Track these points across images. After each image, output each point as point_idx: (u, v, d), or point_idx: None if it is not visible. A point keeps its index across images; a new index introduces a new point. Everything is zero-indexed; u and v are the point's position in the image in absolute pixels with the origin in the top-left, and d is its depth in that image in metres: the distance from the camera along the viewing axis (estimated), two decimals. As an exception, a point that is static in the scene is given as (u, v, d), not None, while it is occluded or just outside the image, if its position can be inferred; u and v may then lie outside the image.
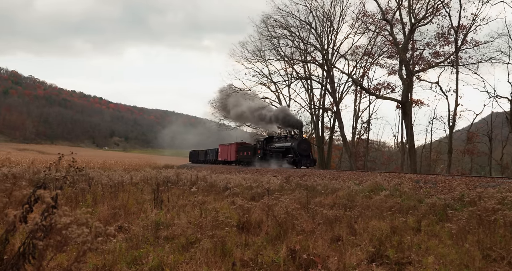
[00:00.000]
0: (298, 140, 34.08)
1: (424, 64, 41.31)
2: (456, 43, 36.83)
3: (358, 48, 45.65)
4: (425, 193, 12.38)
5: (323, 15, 43.89)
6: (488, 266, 5.08)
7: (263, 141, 39.19)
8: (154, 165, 43.97)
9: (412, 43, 39.48)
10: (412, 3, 37.11)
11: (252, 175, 21.66)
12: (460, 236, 6.16)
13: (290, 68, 48.67)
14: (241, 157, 43.49)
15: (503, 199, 8.62)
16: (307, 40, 45.29)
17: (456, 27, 36.55)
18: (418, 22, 37.28)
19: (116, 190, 11.37)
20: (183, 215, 7.98)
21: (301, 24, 44.72)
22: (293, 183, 15.40)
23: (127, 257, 5.14)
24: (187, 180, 15.62)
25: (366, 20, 42.61)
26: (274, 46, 46.38)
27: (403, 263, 5.33)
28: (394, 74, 44.16)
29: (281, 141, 36.83)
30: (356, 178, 18.49)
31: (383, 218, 7.99)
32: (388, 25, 39.05)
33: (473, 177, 16.97)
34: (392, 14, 39.36)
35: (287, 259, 5.16)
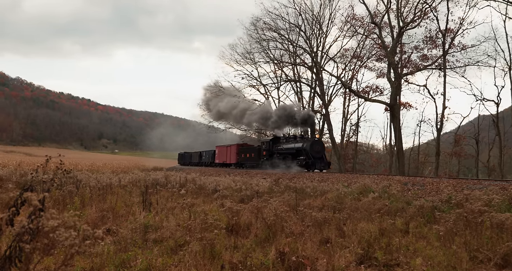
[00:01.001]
0: (310, 140, 31.73)
1: (412, 67, 41.66)
2: (444, 47, 37.22)
3: (347, 51, 45.91)
4: (413, 195, 12.46)
5: (312, 18, 44.09)
6: (475, 267, 5.13)
7: (269, 142, 36.61)
8: (142, 167, 43.72)
9: (400, 46, 39.78)
10: (400, 7, 37.45)
11: (242, 177, 21.65)
12: (448, 237, 6.21)
13: (279, 71, 48.77)
14: (243, 159, 40.89)
15: (490, 201, 8.72)
16: (296, 43, 45.45)
17: (443, 31, 36.97)
18: (406, 26, 37.61)
19: (104, 193, 11.29)
20: (172, 217, 7.95)
21: (290, 27, 44.88)
22: (282, 185, 15.41)
23: (115, 260, 5.10)
24: (176, 182, 15.57)
25: (355, 23, 42.89)
26: (264, 48, 46.46)
27: (392, 265, 5.36)
28: (382, 77, 44.47)
29: (290, 142, 34.26)
30: (345, 180, 18.56)
31: (371, 220, 8.02)
32: (376, 28, 39.35)
33: (460, 179, 17.16)
34: (381, 17, 39.68)
35: (276, 261, 5.16)
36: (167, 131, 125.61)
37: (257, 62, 47.96)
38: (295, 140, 34.34)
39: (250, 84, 48.93)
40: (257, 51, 46.86)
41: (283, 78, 49.19)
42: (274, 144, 35.97)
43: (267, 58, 47.51)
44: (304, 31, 44.53)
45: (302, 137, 34.52)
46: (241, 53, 47.98)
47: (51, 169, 10.82)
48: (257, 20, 45.41)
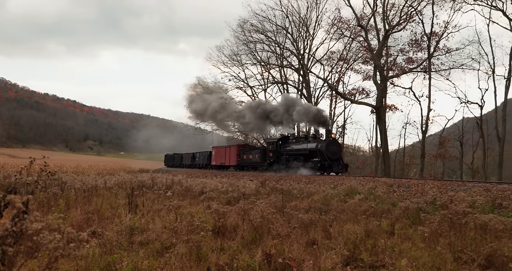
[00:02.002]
0: (326, 140, 28.25)
1: (398, 70, 42.02)
2: (429, 50, 37.62)
3: (333, 53, 46.10)
4: (398, 197, 12.56)
5: (299, 21, 44.24)
6: (459, 268, 5.19)
7: (276, 142, 33.08)
8: (128, 169, 43.45)
9: (386, 49, 40.11)
10: (386, 10, 37.76)
11: (228, 179, 21.62)
12: (432, 239, 6.27)
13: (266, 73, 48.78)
14: (245, 161, 37.38)
15: (474, 202, 8.83)
16: (283, 45, 45.56)
17: (428, 34, 37.36)
18: (392, 29, 37.94)
19: (90, 195, 11.20)
20: (158, 219, 7.91)
21: (277, 29, 44.97)
22: (269, 187, 15.42)
23: (101, 263, 5.06)
24: (163, 184, 15.49)
25: (342, 26, 43.12)
26: (251, 50, 46.47)
27: (377, 266, 5.40)
28: (368, 79, 44.75)
29: (301, 142, 30.96)
30: (331, 182, 18.64)
31: (357, 221, 8.07)
32: (363, 31, 39.61)
33: (445, 181, 17.32)
34: (367, 20, 39.95)
35: (263, 263, 5.16)
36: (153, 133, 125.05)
37: (244, 64, 47.96)
38: (306, 139, 30.93)
39: (237, 86, 48.92)
40: (244, 53, 46.88)
41: (270, 80, 49.27)
42: (282, 144, 32.65)
43: (254, 60, 47.55)
44: (291, 34, 44.70)
45: (314, 137, 30.61)
46: (228, 55, 47.96)
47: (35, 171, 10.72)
48: (244, 22, 45.45)
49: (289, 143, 32.26)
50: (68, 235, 2.98)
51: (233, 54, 47.27)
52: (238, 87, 48.90)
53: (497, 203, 10.58)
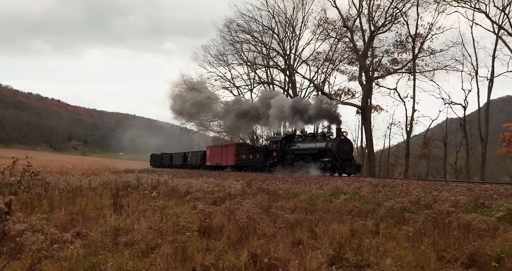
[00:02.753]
0: (337, 139, 26.52)
1: (383, 71, 42.41)
2: (414, 51, 38.05)
3: (319, 54, 46.31)
4: (383, 197, 12.66)
5: (285, 21, 44.42)
6: (442, 267, 5.25)
7: (281, 141, 30.96)
8: (113, 169, 43.11)
9: (371, 50, 40.47)
10: (371, 11, 38.12)
11: (214, 179, 21.58)
12: (417, 238, 6.33)
13: (252, 73, 48.87)
14: (245, 161, 35.26)
15: (457, 202, 8.95)
16: (269, 46, 45.68)
17: (413, 35, 37.82)
18: (377, 30, 38.28)
19: (74, 195, 11.09)
20: (143, 220, 7.86)
21: (263, 30, 45.09)
22: (255, 187, 15.43)
23: (85, 264, 5.02)
24: (148, 184, 15.40)
25: (327, 27, 43.38)
26: (237, 50, 46.53)
27: (362, 265, 5.43)
28: (354, 80, 45.03)
29: (308, 141, 29.12)
30: (317, 182, 18.71)
31: (343, 221, 8.11)
32: (348, 32, 39.92)
33: (429, 181, 17.53)
34: (353, 21, 40.30)
35: (248, 263, 5.16)
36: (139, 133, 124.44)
37: (231, 64, 47.96)
38: (313, 138, 29.06)
39: (223, 86, 48.86)
40: (231, 53, 46.93)
41: (257, 81, 49.37)
42: (287, 143, 30.47)
43: (240, 60, 47.61)
44: (277, 34, 44.86)
45: (323, 135, 28.64)
46: (215, 55, 47.90)
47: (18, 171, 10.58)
48: (231, 22, 45.49)
49: (295, 141, 30.18)
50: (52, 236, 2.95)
51: (220, 54, 47.27)
52: (225, 88, 48.91)
53: (480, 202, 10.72)
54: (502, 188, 12.53)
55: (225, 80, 48.58)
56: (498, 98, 67.40)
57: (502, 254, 5.61)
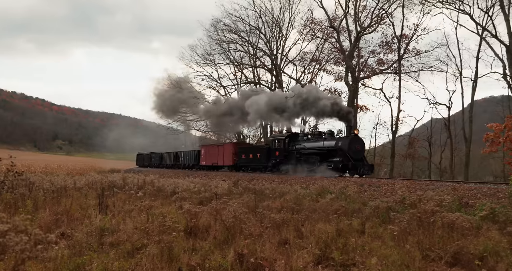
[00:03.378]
0: (348, 137, 24.63)
1: (369, 71, 42.73)
2: (399, 52, 38.40)
3: (306, 54, 46.48)
4: (369, 196, 12.75)
5: (272, 21, 44.50)
6: (427, 266, 5.30)
7: (283, 140, 28.99)
8: (99, 169, 42.76)
9: (357, 50, 40.74)
10: (358, 12, 38.35)
11: (201, 179, 21.53)
12: (402, 237, 6.39)
13: (239, 73, 48.83)
14: (244, 160, 33.24)
15: (441, 201, 9.05)
16: (256, 45, 45.72)
17: (399, 36, 38.17)
18: (363, 30, 38.54)
19: (59, 195, 10.98)
20: (129, 220, 7.81)
21: (250, 29, 45.12)
22: (241, 187, 15.43)
23: (70, 265, 4.97)
24: (134, 184, 15.31)
25: (314, 27, 43.57)
26: (224, 50, 46.47)
27: (348, 264, 5.47)
28: (340, 80, 45.25)
29: (315, 139, 27.21)
30: (303, 181, 18.78)
31: (329, 221, 8.15)
32: (335, 33, 40.13)
33: (414, 181, 17.70)
34: (339, 22, 40.51)
35: (235, 263, 5.16)
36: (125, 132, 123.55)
37: (217, 64, 47.86)
38: (320, 137, 27.31)
39: (210, 85, 48.75)
40: (217, 53, 46.84)
41: (243, 80, 49.32)
42: (291, 142, 28.54)
43: (227, 60, 47.55)
44: (264, 34, 44.92)
45: (331, 133, 26.58)
46: (201, 54, 47.74)
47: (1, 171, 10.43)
48: (217, 22, 45.44)
49: (300, 140, 28.23)
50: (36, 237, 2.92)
51: (206, 54, 47.14)
52: (211, 87, 48.79)
53: (463, 201, 10.86)
54: (485, 188, 12.71)
55: (212, 79, 48.51)
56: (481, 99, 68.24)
57: (485, 252, 5.69)
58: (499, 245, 5.95)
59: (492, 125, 24.01)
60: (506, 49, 30.25)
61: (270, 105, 29.27)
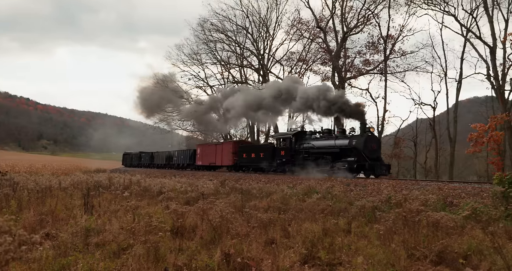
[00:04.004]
0: (363, 135, 22.59)
1: (355, 72, 42.90)
2: (385, 52, 38.67)
3: (293, 54, 46.52)
4: (355, 196, 12.84)
5: (259, 21, 44.49)
6: (412, 265, 5.35)
7: (290, 138, 26.90)
8: (84, 169, 42.40)
9: (344, 51, 40.90)
10: (344, 12, 38.49)
11: (187, 179, 21.47)
12: (387, 236, 6.45)
13: (226, 72, 48.74)
14: (246, 160, 31.18)
15: (426, 200, 9.15)
16: (243, 45, 45.68)
17: (385, 37, 38.42)
18: (350, 31, 38.72)
19: (44, 195, 10.87)
20: (115, 220, 7.77)
21: (237, 29, 45.05)
22: (228, 187, 15.42)
23: (55, 266, 4.93)
24: (120, 184, 15.22)
25: (301, 27, 43.64)
26: (211, 49, 46.33)
27: (334, 264, 5.50)
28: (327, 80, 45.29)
29: (325, 138, 25.15)
30: (290, 181, 18.83)
31: (315, 220, 8.18)
32: (321, 33, 40.24)
33: (400, 180, 17.85)
34: (326, 22, 40.61)
35: (222, 263, 5.16)
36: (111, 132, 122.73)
37: (204, 64, 47.70)
38: (330, 135, 25.48)
39: (197, 85, 48.60)
40: (204, 52, 46.67)
41: (230, 80, 49.22)
42: (298, 140, 26.50)
43: (214, 59, 47.43)
44: (251, 34, 44.89)
45: (343, 131, 24.80)
46: (188, 54, 47.51)
47: (-15, 171, 10.27)
48: (204, 21, 45.29)
49: (308, 139, 26.20)
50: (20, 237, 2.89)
51: (193, 53, 46.93)
52: (198, 87, 48.64)
53: (448, 201, 11.00)
54: (469, 187, 12.87)
55: (199, 79, 48.37)
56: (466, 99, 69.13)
57: (469, 251, 5.77)
58: (482, 244, 6.04)
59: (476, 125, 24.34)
60: (490, 51, 30.62)
61: (246, 103, 28.65)
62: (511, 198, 8.44)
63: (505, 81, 30.05)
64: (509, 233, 6.99)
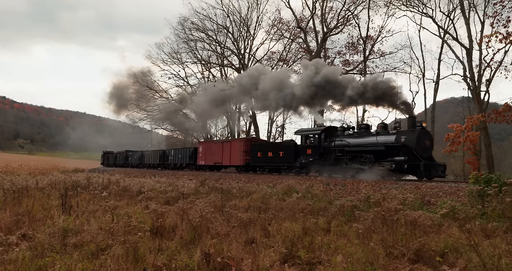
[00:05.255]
0: (415, 131, 19.08)
1: (335, 72, 43.15)
2: (364, 53, 39.07)
3: (273, 54, 46.65)
4: (335, 195, 12.94)
5: (240, 20, 44.49)
6: (390, 263, 5.42)
7: (319, 135, 23.23)
8: (62, 168, 41.80)
9: (324, 51, 41.20)
10: (324, 13, 38.76)
11: (167, 178, 21.35)
12: (366, 235, 6.52)
13: (207, 72, 48.64)
14: (261, 159, 27.56)
15: (404, 199, 9.27)
16: (224, 44, 45.63)
17: (364, 38, 38.81)
18: (330, 31, 39.01)
19: (20, 196, 10.69)
20: (94, 220, 7.68)
21: (218, 28, 44.97)
22: (208, 186, 15.38)
23: (31, 267, 4.85)
24: (99, 184, 15.05)
25: (282, 27, 43.80)
26: (191, 49, 46.17)
27: (314, 262, 5.53)
28: (308, 80, 45.55)
29: (363, 134, 21.52)
30: (270, 180, 18.87)
31: (295, 219, 8.23)
32: (302, 33, 40.48)
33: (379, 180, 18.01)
34: (306, 22, 40.85)
35: (201, 263, 5.15)
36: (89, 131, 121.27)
37: (185, 63, 47.54)
38: (368, 131, 21.89)
39: (177, 84, 48.38)
40: (185, 51, 46.51)
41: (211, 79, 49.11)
42: (328, 137, 22.85)
43: (194, 58, 47.28)
44: (231, 33, 44.85)
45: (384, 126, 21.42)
46: (168, 53, 47.26)
47: (-41, 171, 10.06)
48: (185, 20, 45.11)
49: (339, 135, 22.50)
50: (-5, 239, 2.84)
51: (173, 52, 46.73)
52: (178, 86, 48.41)
53: (426, 200, 11.17)
54: (446, 186, 13.08)
55: (179, 78, 48.15)
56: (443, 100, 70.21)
57: (446, 249, 5.87)
58: (459, 242, 6.15)
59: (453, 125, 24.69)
60: (466, 52, 31.15)
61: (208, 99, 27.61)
62: (486, 196, 8.61)
63: (481, 82, 30.59)
64: (485, 231, 7.14)
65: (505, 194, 6.37)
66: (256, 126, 43.92)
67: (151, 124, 50.26)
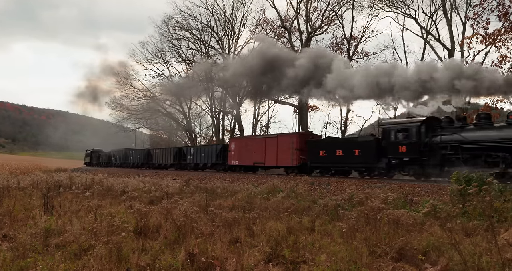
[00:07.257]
0: None
1: (320, 72, 43.31)
2: (348, 53, 39.28)
3: (258, 53, 46.61)
4: (319, 194, 13.01)
5: (224, 20, 44.42)
6: (374, 261, 5.47)
7: (418, 128, 17.98)
8: (45, 168, 41.27)
9: (309, 51, 41.29)
10: (309, 13, 38.91)
11: (151, 178, 21.24)
12: (350, 234, 6.57)
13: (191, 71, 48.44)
14: (323, 159, 21.76)
15: (387, 198, 9.36)
16: (208, 43, 45.52)
17: (348, 38, 39.02)
18: (314, 31, 39.18)
19: (1, 196, 10.55)
20: (76, 220, 7.61)
21: (203, 27, 44.84)
22: (193, 186, 15.34)
23: (13, 268, 4.80)
24: (82, 184, 14.91)
25: (266, 27, 43.81)
26: (175, 47, 45.98)
27: (298, 262, 5.56)
28: (292, 80, 45.66)
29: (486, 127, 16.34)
30: (255, 180, 18.89)
31: (280, 219, 8.25)
32: (286, 33, 40.56)
33: (362, 179, 18.16)
34: (291, 22, 40.94)
35: (186, 262, 5.14)
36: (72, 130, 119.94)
37: (169, 62, 47.32)
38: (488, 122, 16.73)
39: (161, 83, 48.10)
40: (169, 50, 46.31)
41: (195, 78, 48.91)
42: (431, 131, 17.78)
43: (179, 57, 47.11)
44: (216, 32, 44.77)
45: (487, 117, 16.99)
46: (152, 51, 47.03)
47: None
48: (169, 19, 44.87)
49: (446, 128, 17.61)
50: (-24, 239, 2.80)
51: (158, 51, 46.52)
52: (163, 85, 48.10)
53: (408, 199, 11.29)
54: (428, 185, 13.24)
55: (163, 77, 47.91)
56: (426, 100, 71.10)
57: (428, 247, 5.95)
58: (440, 240, 6.23)
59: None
60: (448, 53, 31.54)
61: None
62: (468, 195, 8.73)
63: (463, 83, 30.99)
64: (465, 229, 7.25)
65: (485, 193, 6.48)
66: (241, 126, 43.94)
67: (135, 123, 49.95)
